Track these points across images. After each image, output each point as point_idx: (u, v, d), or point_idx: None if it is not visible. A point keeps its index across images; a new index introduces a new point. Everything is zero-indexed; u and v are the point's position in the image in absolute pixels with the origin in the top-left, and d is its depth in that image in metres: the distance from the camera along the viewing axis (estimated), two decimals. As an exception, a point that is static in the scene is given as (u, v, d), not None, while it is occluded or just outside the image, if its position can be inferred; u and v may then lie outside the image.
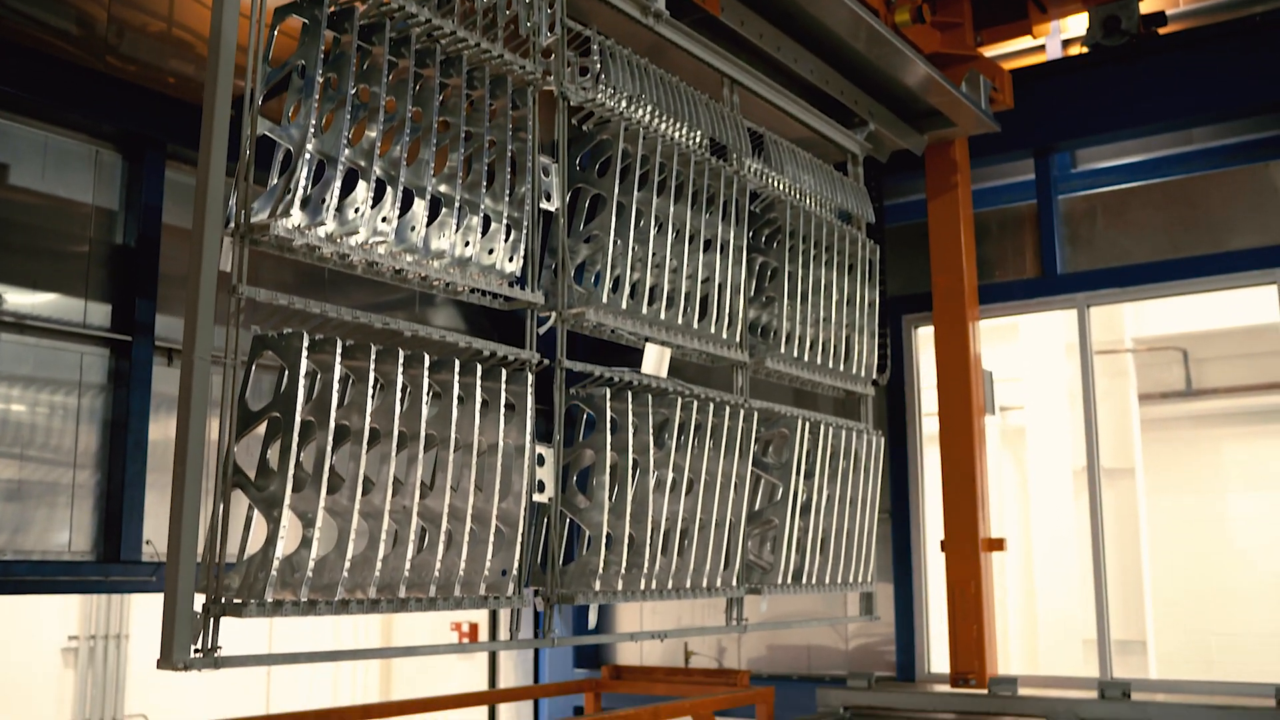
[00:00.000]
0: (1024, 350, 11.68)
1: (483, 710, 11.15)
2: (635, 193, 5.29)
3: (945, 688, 8.74)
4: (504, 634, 10.82)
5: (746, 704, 9.12)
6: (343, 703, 8.15)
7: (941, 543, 9.10)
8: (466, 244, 4.50)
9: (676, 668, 10.28)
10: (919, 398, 9.88)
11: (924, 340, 9.97)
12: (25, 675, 10.85)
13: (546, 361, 4.88)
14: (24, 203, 7.36)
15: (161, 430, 7.71)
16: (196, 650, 3.58)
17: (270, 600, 3.70)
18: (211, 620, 3.64)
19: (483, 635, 11.39)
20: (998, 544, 9.09)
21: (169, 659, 3.52)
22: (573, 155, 5.27)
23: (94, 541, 7.42)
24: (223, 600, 3.69)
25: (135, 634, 11.57)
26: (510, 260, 4.67)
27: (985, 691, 8.30)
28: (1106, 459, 9.51)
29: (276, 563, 3.73)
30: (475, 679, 11.59)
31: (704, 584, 5.58)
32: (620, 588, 5.11)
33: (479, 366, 4.47)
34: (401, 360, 4.17)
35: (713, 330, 5.74)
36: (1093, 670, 8.90)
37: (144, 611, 11.51)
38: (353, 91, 4.11)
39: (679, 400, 5.38)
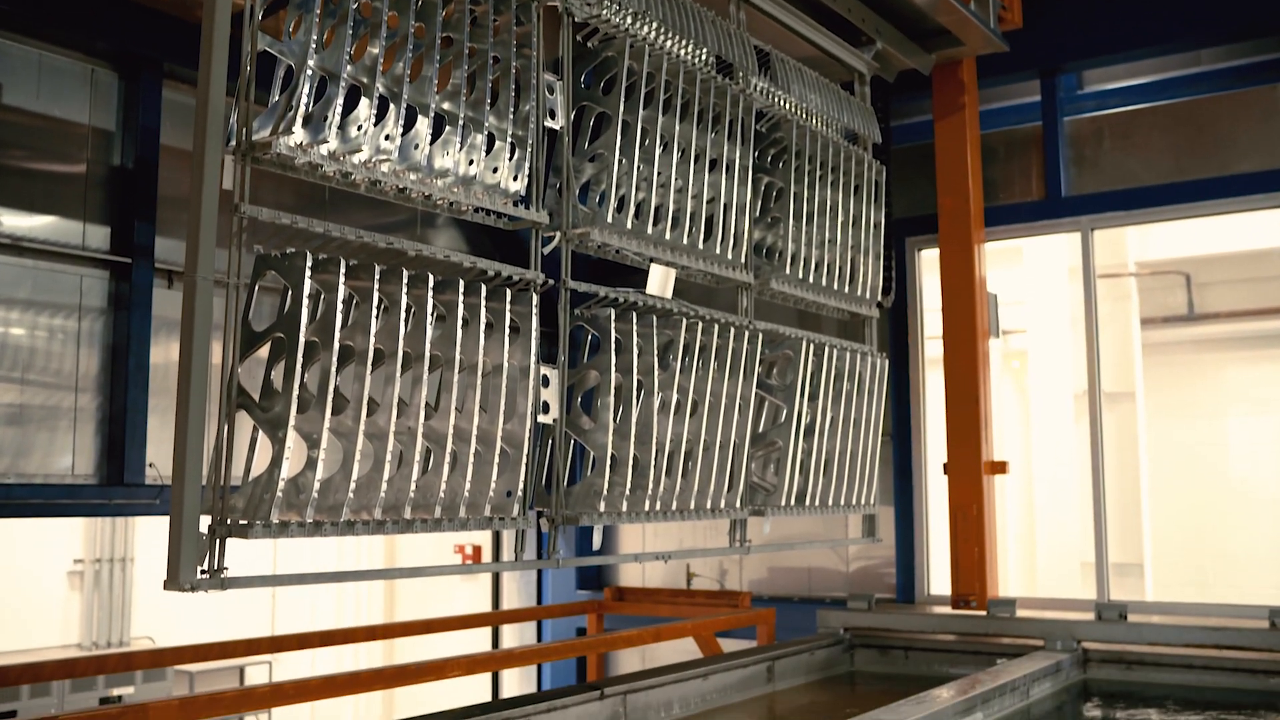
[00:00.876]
0: (1027, 274, 11.64)
1: (486, 631, 11.26)
2: (640, 111, 5.20)
3: (945, 609, 8.81)
4: (508, 556, 10.91)
5: (748, 625, 9.22)
6: (346, 644, 8.23)
7: (944, 466, 9.13)
8: (470, 162, 4.43)
9: (679, 589, 10.38)
10: (922, 321, 9.85)
11: (928, 263, 9.92)
12: (32, 598, 10.94)
13: (551, 282, 4.83)
14: (18, 123, 7.26)
15: (163, 353, 7.69)
16: (203, 571, 3.59)
17: (276, 521, 3.69)
18: (217, 542, 3.63)
19: (486, 558, 11.48)
20: (1000, 467, 9.12)
21: (175, 580, 3.52)
22: (577, 73, 5.17)
23: (97, 465, 7.42)
24: (228, 522, 3.68)
25: (140, 557, 11.65)
26: (514, 179, 4.61)
27: (984, 613, 8.37)
28: (1107, 383, 9.50)
29: (282, 484, 3.71)
30: (479, 602, 11.69)
31: (708, 506, 5.59)
32: (624, 509, 5.11)
33: (483, 287, 4.43)
34: (405, 280, 4.12)
35: (717, 251, 5.68)
36: (1090, 592, 8.98)
37: (148, 535, 11.59)
38: (354, 6, 4.02)
39: (683, 321, 5.34)
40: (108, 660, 7.61)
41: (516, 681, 11.35)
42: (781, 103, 6.37)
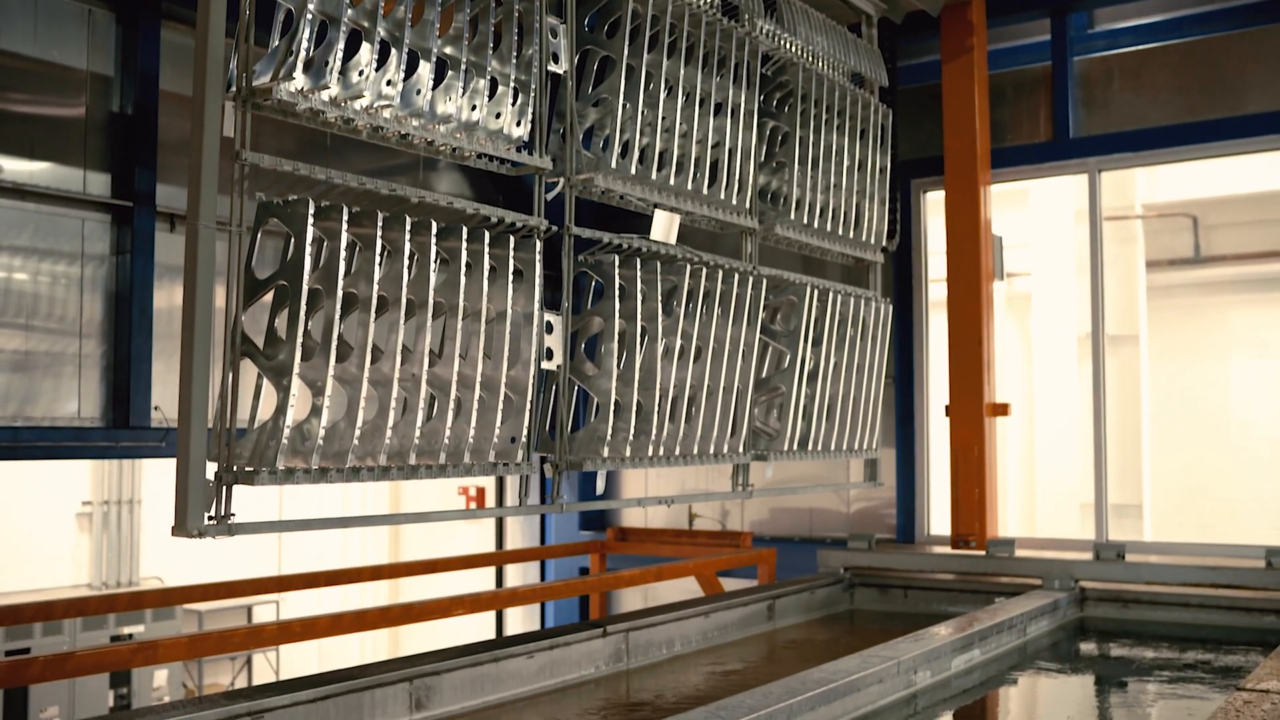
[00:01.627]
0: (1033, 216, 11.60)
1: (490, 572, 11.38)
2: (645, 55, 5.17)
3: (944, 549, 8.89)
4: (512, 500, 10.99)
5: (749, 565, 9.31)
6: (352, 583, 8.32)
7: (946, 407, 9.17)
8: (473, 108, 4.41)
9: (681, 530, 10.47)
10: (926, 263, 9.85)
11: (933, 205, 9.89)
12: (43, 540, 11.07)
13: (554, 228, 4.83)
14: (15, 68, 7.22)
15: (166, 298, 7.71)
16: (210, 518, 3.63)
17: (282, 468, 3.73)
18: (224, 488, 3.67)
19: (490, 502, 11.57)
20: (1002, 409, 9.16)
21: (183, 526, 3.57)
22: (581, 16, 5.14)
23: (102, 409, 7.47)
24: (234, 469, 3.72)
25: (147, 499, 11.76)
26: (518, 124, 4.59)
27: (983, 553, 8.44)
28: (1111, 326, 9.51)
29: (287, 431, 3.74)
30: (483, 545, 11.80)
31: (710, 450, 5.62)
32: (628, 454, 5.15)
33: (486, 234, 4.43)
34: (408, 227, 4.12)
35: (722, 196, 5.67)
36: (1089, 533, 9.06)
37: (154, 477, 11.69)
38: None
39: (687, 267, 5.34)
40: (118, 599, 7.72)
41: (520, 621, 11.49)
42: (787, 46, 6.32)
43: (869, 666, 5.39)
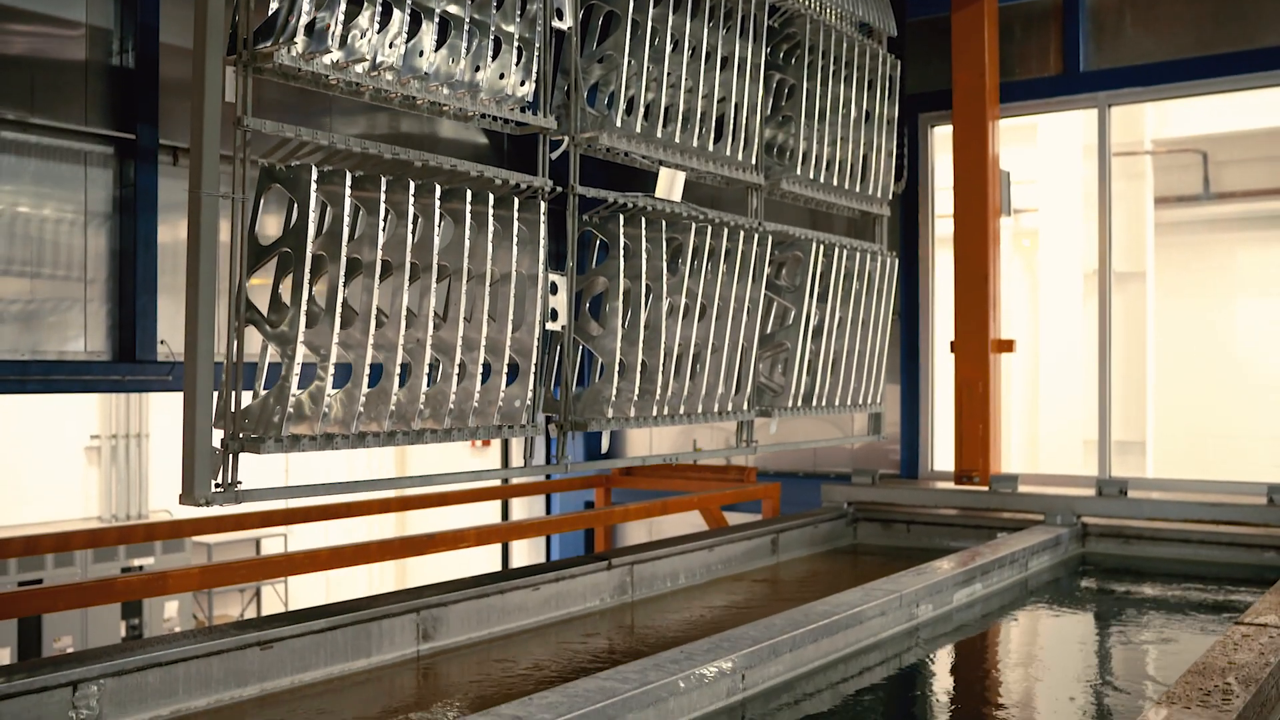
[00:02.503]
0: (1041, 152, 11.52)
1: (496, 506, 11.46)
2: (651, 9, 5.10)
3: (948, 485, 8.94)
4: (517, 459, 11.04)
5: (753, 499, 9.37)
6: (359, 516, 8.32)
7: (951, 343, 9.17)
8: (477, 68, 4.36)
9: (685, 464, 10.51)
10: (933, 199, 9.79)
11: (941, 140, 9.81)
12: (52, 474, 11.15)
13: (559, 189, 4.80)
14: (11, 27, 7.14)
15: (170, 232, 7.69)
16: (216, 485, 3.64)
17: (287, 436, 3.72)
18: (230, 456, 3.68)
19: (495, 454, 11.62)
20: (1007, 345, 9.17)
21: (190, 495, 3.58)
22: None
23: (109, 343, 7.49)
24: (240, 436, 3.72)
25: (154, 433, 11.82)
26: (522, 84, 4.53)
27: (986, 489, 8.49)
28: (1118, 263, 9.47)
29: (292, 400, 3.74)
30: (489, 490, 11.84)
31: (715, 409, 5.63)
32: (632, 414, 5.15)
33: (490, 195, 4.40)
34: (412, 190, 4.09)
35: (728, 153, 5.62)
36: (1092, 469, 9.09)
37: (162, 411, 11.73)
38: None
39: (693, 225, 5.31)
40: (127, 531, 7.79)
41: (525, 556, 11.59)
42: None
43: (871, 600, 5.45)
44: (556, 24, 4.79)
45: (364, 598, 4.94)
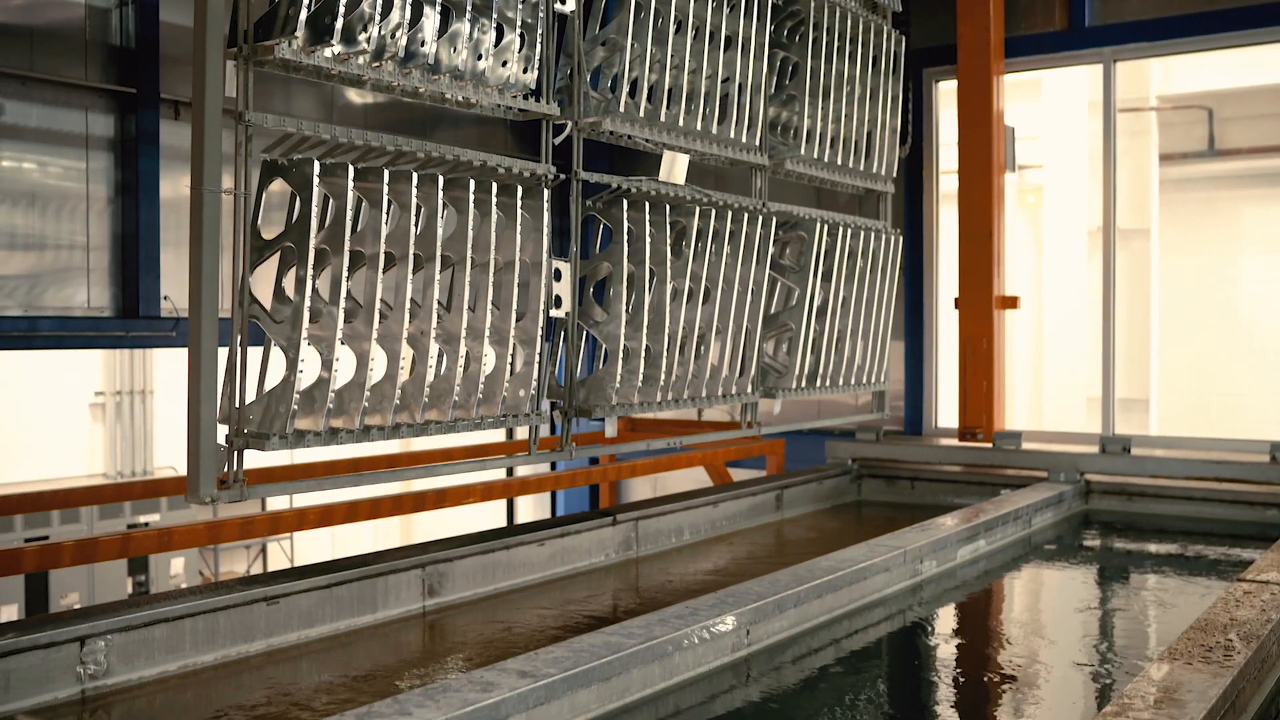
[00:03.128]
0: (1046, 108, 11.45)
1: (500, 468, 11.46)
2: None
3: (951, 441, 8.96)
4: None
5: (757, 455, 9.39)
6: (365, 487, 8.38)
7: (955, 300, 9.15)
8: (479, 57, 4.31)
9: (690, 420, 10.50)
10: (937, 154, 9.74)
11: (945, 96, 9.74)
12: (57, 431, 11.16)
13: (562, 176, 4.77)
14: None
15: (172, 187, 7.66)
16: (221, 481, 3.63)
17: (292, 431, 3.70)
18: (235, 453, 3.66)
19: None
20: (1011, 302, 9.15)
21: (195, 493, 3.56)
22: None
23: (112, 299, 7.48)
24: (245, 433, 3.71)
25: (159, 390, 11.82)
26: (525, 71, 4.48)
27: (990, 445, 8.51)
28: (1123, 219, 9.44)
29: (297, 397, 3.72)
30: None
31: (719, 392, 5.62)
32: (636, 399, 5.14)
33: (494, 184, 4.37)
34: (415, 182, 4.06)
35: (731, 134, 5.57)
36: (1096, 427, 9.10)
37: (166, 367, 11.73)
38: None
39: (696, 208, 5.27)
40: (133, 487, 7.82)
41: (531, 513, 11.64)
42: None
43: (875, 556, 5.47)
44: (559, 7, 4.72)
45: (370, 554, 4.96)
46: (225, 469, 3.61)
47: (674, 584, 5.73)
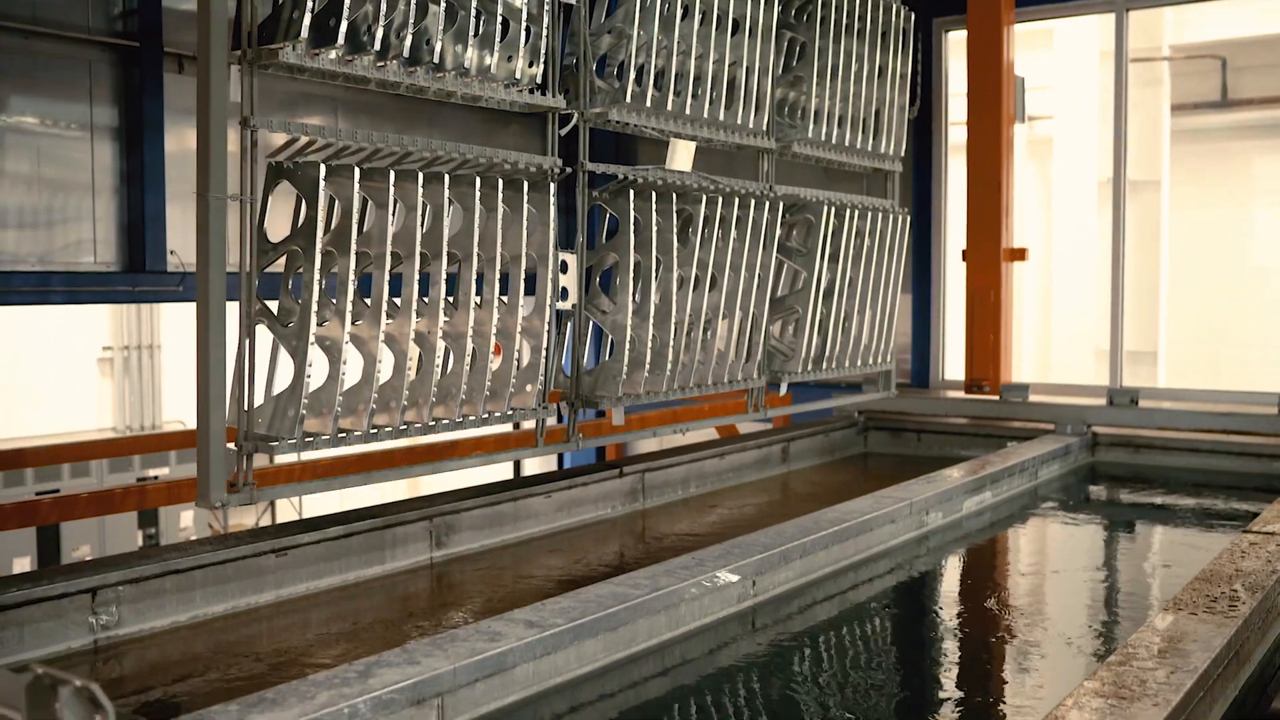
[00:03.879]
0: (1057, 58, 11.34)
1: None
2: None
3: (959, 394, 8.95)
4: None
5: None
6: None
7: (963, 252, 9.12)
8: (485, 52, 4.25)
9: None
10: (946, 105, 9.66)
11: (955, 46, 9.65)
12: (66, 385, 11.19)
13: (568, 170, 4.73)
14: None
15: (177, 141, 7.63)
16: (230, 485, 3.63)
17: (300, 435, 3.68)
18: (244, 457, 3.65)
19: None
20: (1019, 254, 9.11)
21: (206, 499, 3.56)
22: None
23: (118, 253, 7.47)
24: (253, 437, 3.69)
25: (166, 344, 11.84)
26: (530, 65, 4.42)
27: (997, 398, 8.51)
28: (1133, 171, 9.36)
29: (305, 402, 3.70)
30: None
31: (725, 379, 5.60)
32: (643, 389, 5.12)
33: (499, 180, 4.33)
34: (421, 181, 4.02)
35: (739, 121, 5.50)
36: (1104, 379, 9.08)
37: (173, 322, 11.74)
38: None
39: (703, 196, 5.22)
40: (142, 440, 7.85)
41: (538, 466, 11.66)
42: None
43: (882, 507, 5.49)
44: None
45: (378, 505, 4.99)
46: (234, 472, 3.60)
47: (681, 535, 5.76)
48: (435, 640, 3.41)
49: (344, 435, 3.91)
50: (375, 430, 4.03)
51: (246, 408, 3.68)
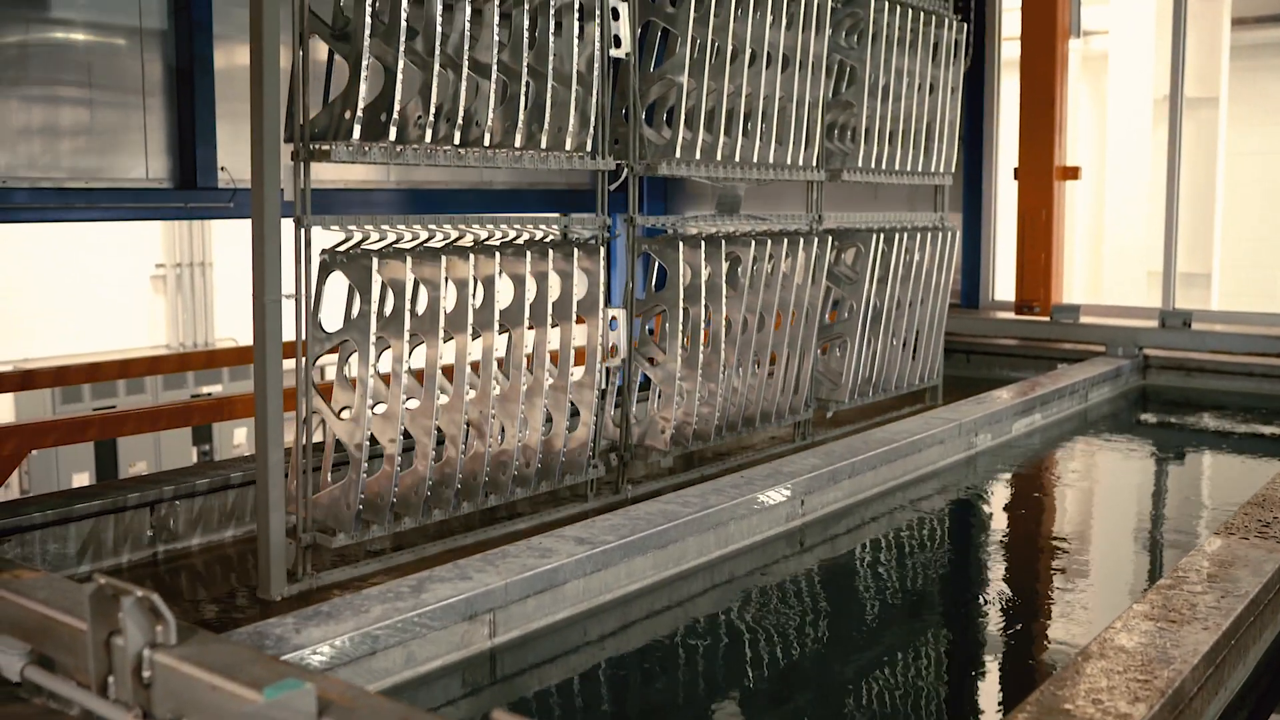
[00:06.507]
0: (1115, -30, 11.04)
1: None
2: (711, 20, 4.78)
3: (1009, 314, 8.87)
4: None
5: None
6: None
7: (1015, 170, 8.98)
8: (534, 126, 4.13)
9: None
10: (1000, 21, 9.44)
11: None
12: (119, 303, 11.32)
13: (619, 234, 4.70)
14: None
15: (226, 58, 7.61)
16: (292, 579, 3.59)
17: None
18: (303, 551, 3.64)
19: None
20: (1072, 172, 8.96)
21: (267, 591, 3.53)
22: None
23: (170, 170, 7.51)
24: (313, 525, 3.70)
25: (218, 263, 11.93)
26: (579, 132, 4.28)
27: (1048, 319, 8.43)
28: (1191, 88, 9.13)
29: (362, 495, 3.68)
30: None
31: (773, 414, 5.47)
32: (691, 434, 5.00)
33: (550, 251, 4.24)
34: (473, 263, 3.95)
35: (788, 160, 5.35)
36: (1156, 301, 8.96)
37: (224, 240, 11.81)
38: None
39: (751, 242, 5.09)
40: (195, 357, 7.95)
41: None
42: None
43: (931, 428, 5.48)
44: (614, 52, 4.50)
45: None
46: (294, 562, 3.59)
47: (725, 455, 5.78)
48: (487, 556, 3.46)
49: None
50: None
51: (305, 496, 3.66)
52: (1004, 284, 9.41)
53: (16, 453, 5.15)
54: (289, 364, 3.67)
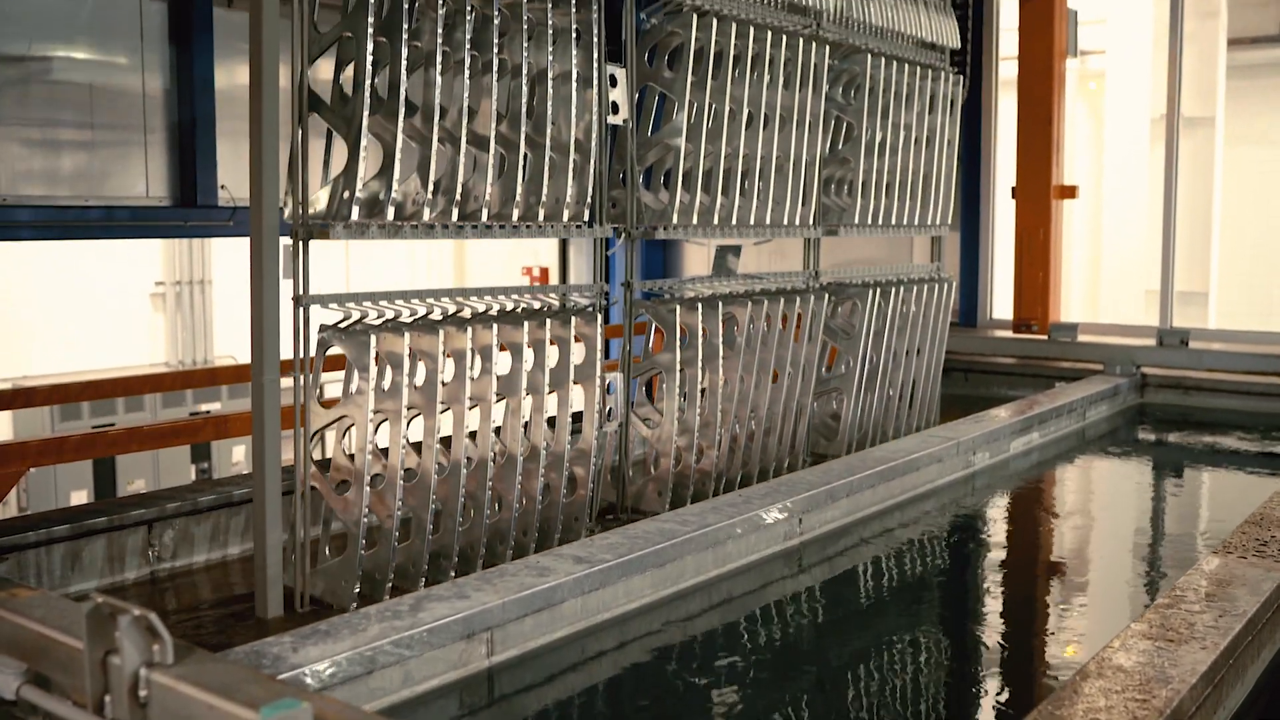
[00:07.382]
0: (1112, -10, 11.10)
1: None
2: (709, 83, 4.81)
3: (1006, 333, 8.89)
4: (574, 276, 11.07)
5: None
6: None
7: (1012, 189, 9.00)
8: (531, 198, 4.15)
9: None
10: (997, 40, 9.48)
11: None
12: (118, 320, 11.32)
13: (615, 301, 4.72)
14: None
15: (227, 77, 7.65)
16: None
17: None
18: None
19: (554, 280, 11.64)
20: (1070, 191, 8.99)
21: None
22: (640, 53, 4.77)
23: (170, 188, 7.53)
24: (314, 597, 3.68)
25: (217, 280, 11.94)
26: (578, 201, 4.31)
27: (1045, 337, 8.44)
28: (1187, 107, 9.17)
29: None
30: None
31: (770, 470, 5.45)
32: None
33: (547, 320, 4.27)
34: (471, 336, 3.95)
35: (785, 219, 5.37)
36: (1153, 319, 8.98)
37: (223, 257, 11.82)
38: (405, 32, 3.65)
39: (749, 302, 5.11)
40: (194, 375, 7.95)
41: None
42: (856, 28, 5.85)
43: (928, 446, 5.48)
44: (612, 119, 4.52)
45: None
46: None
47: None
48: (484, 575, 3.46)
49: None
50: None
51: (303, 572, 3.64)
52: (1002, 302, 9.43)
53: (16, 471, 5.15)
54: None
